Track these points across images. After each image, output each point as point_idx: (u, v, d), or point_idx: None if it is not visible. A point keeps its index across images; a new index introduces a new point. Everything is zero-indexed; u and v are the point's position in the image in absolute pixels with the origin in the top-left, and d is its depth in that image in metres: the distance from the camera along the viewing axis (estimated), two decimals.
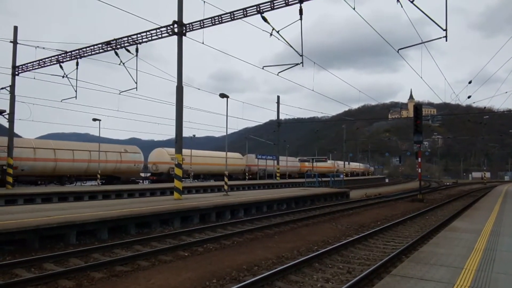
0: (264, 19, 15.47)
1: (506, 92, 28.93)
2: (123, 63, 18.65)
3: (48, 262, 7.74)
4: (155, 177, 38.57)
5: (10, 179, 23.20)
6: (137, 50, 18.22)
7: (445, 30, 14.20)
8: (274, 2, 15.39)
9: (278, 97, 46.89)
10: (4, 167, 24.77)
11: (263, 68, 17.66)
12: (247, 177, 48.89)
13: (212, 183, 38.21)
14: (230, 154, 45.85)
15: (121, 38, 18.52)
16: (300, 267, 7.36)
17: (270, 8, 15.56)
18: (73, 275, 6.85)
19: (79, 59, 20.26)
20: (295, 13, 15.06)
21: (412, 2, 13.78)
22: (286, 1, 15.15)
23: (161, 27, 17.43)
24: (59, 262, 7.89)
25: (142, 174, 42.22)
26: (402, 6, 13.95)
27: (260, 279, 6.33)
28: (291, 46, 15.97)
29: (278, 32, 15.68)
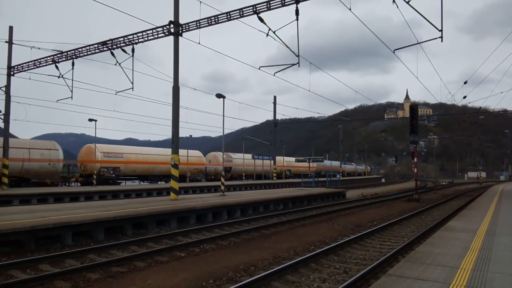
0: (261, 20, 15.48)
1: (502, 92, 29.19)
2: (119, 63, 18.62)
3: (44, 263, 7.71)
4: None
5: (5, 180, 23.07)
6: (133, 50, 18.20)
7: (441, 30, 14.26)
8: (271, 2, 15.42)
9: (275, 97, 46.86)
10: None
11: (259, 69, 17.67)
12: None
13: (209, 183, 38.20)
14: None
15: (117, 38, 18.47)
16: (296, 267, 7.36)
17: (266, 9, 15.58)
18: (69, 276, 6.83)
19: (74, 59, 20.21)
20: (290, 14, 15.10)
21: (407, 2, 13.83)
22: (283, 2, 15.18)
23: (157, 27, 17.40)
24: (55, 263, 7.86)
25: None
26: (398, 7, 14.01)
27: (257, 279, 6.33)
28: (287, 47, 15.99)
29: (274, 32, 15.70)
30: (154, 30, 17.48)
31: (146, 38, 17.80)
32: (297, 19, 14.96)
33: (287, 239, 10.88)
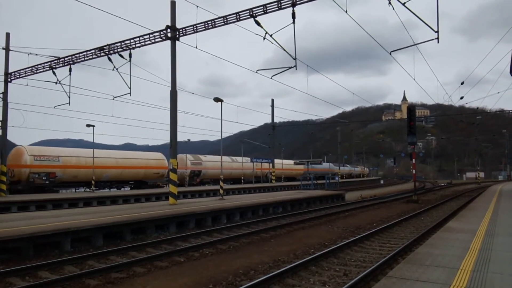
0: (257, 23, 15.53)
1: (498, 93, 29.28)
2: (117, 69, 18.62)
3: (42, 270, 7.67)
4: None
5: (3, 187, 23.01)
6: (130, 55, 18.20)
7: (437, 31, 14.33)
8: (267, 6, 15.46)
9: (273, 100, 47.08)
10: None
11: (257, 72, 17.71)
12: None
13: (208, 187, 38.04)
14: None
15: (114, 43, 18.48)
16: (296, 271, 7.35)
17: (263, 12, 15.62)
18: (68, 283, 6.80)
19: (72, 65, 20.19)
20: (287, 18, 15.15)
21: (403, 4, 13.89)
22: (279, 5, 15.23)
23: (154, 32, 17.43)
24: (54, 270, 7.82)
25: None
26: (394, 9, 14.07)
27: (257, 283, 6.31)
28: (284, 50, 16.03)
29: (271, 35, 15.74)
30: (151, 35, 17.50)
31: (143, 43, 17.82)
32: (293, 22, 15.01)
33: (286, 242, 10.86)
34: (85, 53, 19.49)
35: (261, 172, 51.95)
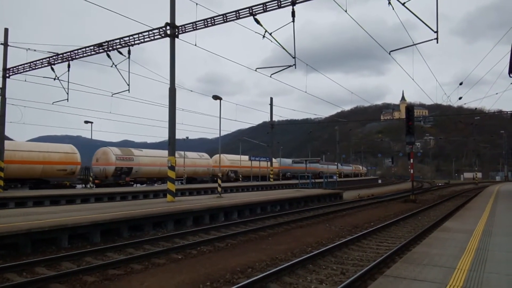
0: (257, 21, 15.51)
1: (497, 94, 29.30)
2: (115, 65, 18.57)
3: (40, 266, 7.66)
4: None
5: (1, 183, 22.95)
6: (129, 52, 18.14)
7: (436, 32, 14.34)
8: (267, 4, 15.44)
9: (271, 98, 46.92)
10: None
11: (256, 70, 17.71)
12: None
13: (205, 185, 37.89)
14: None
15: (113, 40, 18.42)
16: (294, 269, 7.36)
17: (262, 10, 15.60)
18: (65, 279, 6.79)
19: (70, 62, 20.12)
20: (286, 17, 15.15)
21: (403, 4, 13.89)
22: (279, 3, 15.21)
23: (154, 29, 17.38)
24: (51, 266, 7.82)
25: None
26: (393, 8, 14.07)
27: (254, 281, 6.32)
28: (283, 48, 16.02)
29: (270, 34, 15.73)
30: (150, 32, 17.45)
31: (142, 40, 17.77)
32: (293, 21, 15.00)
33: (284, 240, 10.88)
34: (83, 49, 19.43)
35: (219, 170, 47.89)
